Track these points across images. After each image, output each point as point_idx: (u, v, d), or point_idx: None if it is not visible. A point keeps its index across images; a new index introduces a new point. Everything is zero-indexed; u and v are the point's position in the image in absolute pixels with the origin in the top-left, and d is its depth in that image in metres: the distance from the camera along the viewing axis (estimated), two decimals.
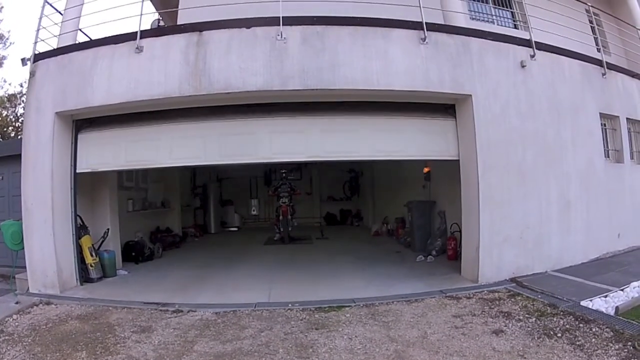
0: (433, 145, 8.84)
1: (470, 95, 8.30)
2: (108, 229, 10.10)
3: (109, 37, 8.51)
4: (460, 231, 9.41)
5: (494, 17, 11.09)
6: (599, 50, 11.00)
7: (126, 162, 9.14)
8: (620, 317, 5.96)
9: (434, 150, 8.90)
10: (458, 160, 8.77)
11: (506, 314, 6.40)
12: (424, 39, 8.13)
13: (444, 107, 8.89)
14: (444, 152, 8.86)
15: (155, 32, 9.12)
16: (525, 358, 4.95)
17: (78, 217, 9.18)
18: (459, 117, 8.77)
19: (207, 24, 8.15)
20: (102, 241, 9.93)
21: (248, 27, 7.98)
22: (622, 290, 7.13)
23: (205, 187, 19.77)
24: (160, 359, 5.29)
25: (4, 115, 28.66)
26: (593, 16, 11.39)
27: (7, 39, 27.10)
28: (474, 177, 8.30)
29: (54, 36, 9.22)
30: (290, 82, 7.77)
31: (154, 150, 8.79)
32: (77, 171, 9.02)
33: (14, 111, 28.87)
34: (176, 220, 15.71)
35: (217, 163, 9.16)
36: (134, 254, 11.50)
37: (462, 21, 9.01)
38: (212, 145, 8.64)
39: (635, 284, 7.34)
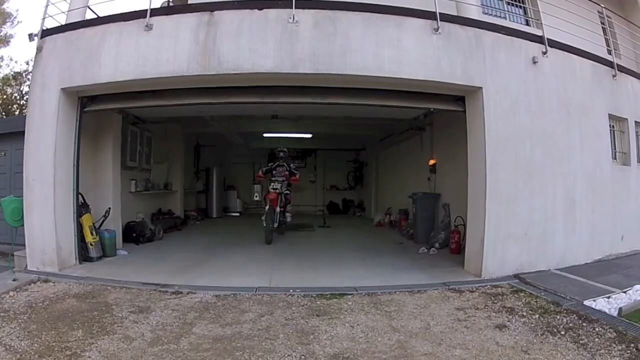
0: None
1: (481, 87, 8.23)
2: (109, 208, 10.06)
3: (118, 14, 8.44)
4: (464, 225, 9.34)
5: (506, 13, 11.01)
6: (609, 52, 10.94)
7: (134, 104, 9.34)
8: (624, 319, 5.88)
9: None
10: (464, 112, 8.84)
11: (509, 310, 6.34)
12: (436, 29, 8.05)
13: (453, 99, 8.87)
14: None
15: (165, 10, 9.08)
16: (528, 354, 4.87)
17: (79, 195, 9.11)
18: (468, 110, 8.74)
19: (218, 4, 8.07)
20: (103, 220, 9.87)
21: (260, 9, 7.88)
22: (625, 292, 7.01)
23: (208, 171, 19.86)
24: (157, 340, 5.20)
25: (9, 93, 28.72)
26: (605, 18, 11.33)
27: (15, 17, 27.35)
28: (481, 171, 8.24)
29: (62, 12, 9.12)
30: (301, 65, 7.69)
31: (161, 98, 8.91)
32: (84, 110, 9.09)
33: (20, 89, 28.90)
34: (178, 202, 15.76)
35: (222, 102, 9.05)
36: (134, 234, 11.50)
37: (475, 14, 8.95)
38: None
39: (638, 287, 7.16)
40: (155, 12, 8.23)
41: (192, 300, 6.74)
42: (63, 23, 8.98)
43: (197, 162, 19.45)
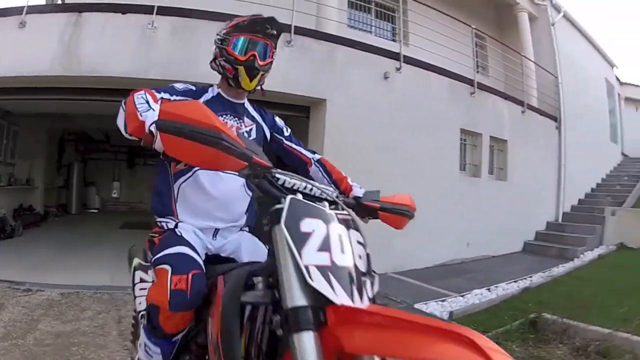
0: None
1: (325, 99, 8.61)
2: None
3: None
4: None
5: (374, 28, 11.54)
6: (478, 71, 11.80)
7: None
8: (453, 322, 5.99)
9: None
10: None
11: None
12: (289, 42, 8.35)
13: (300, 108, 9.18)
14: None
15: (40, 8, 8.86)
16: None
17: None
18: (312, 119, 9.10)
19: (87, 6, 8.10)
20: None
21: (123, 13, 8.00)
22: (462, 296, 7.43)
23: (70, 166, 19.32)
24: (8, 335, 5.32)
25: None
26: (477, 39, 12.13)
27: None
28: None
29: None
30: (152, 71, 7.81)
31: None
32: None
33: None
34: (39, 198, 15.27)
35: (81, 99, 9.10)
36: None
37: (334, 29, 9.35)
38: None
39: (477, 291, 7.68)
40: (31, 9, 8.08)
41: (40, 298, 6.82)
42: None
43: (61, 157, 18.93)
